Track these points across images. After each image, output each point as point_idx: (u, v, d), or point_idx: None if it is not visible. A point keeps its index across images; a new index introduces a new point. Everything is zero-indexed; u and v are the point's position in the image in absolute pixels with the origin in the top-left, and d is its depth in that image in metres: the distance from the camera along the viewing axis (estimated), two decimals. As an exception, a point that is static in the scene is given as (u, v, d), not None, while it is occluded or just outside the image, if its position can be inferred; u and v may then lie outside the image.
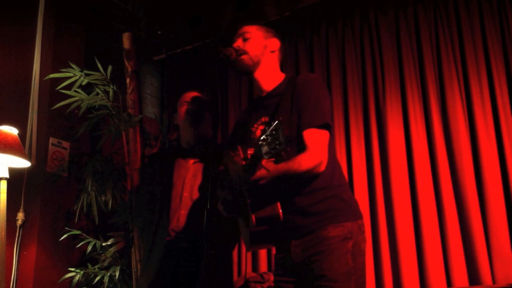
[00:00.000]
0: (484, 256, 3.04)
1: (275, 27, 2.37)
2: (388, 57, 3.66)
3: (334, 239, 1.84)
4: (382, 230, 3.37)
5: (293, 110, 1.96)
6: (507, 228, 3.03)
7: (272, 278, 3.19)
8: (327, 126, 1.93)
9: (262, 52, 2.12)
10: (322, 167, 1.88)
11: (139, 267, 3.24)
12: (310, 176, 1.88)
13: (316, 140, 1.89)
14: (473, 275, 3.05)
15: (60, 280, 3.44)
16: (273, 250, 2.20)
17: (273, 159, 1.69)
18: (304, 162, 1.84)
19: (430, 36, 3.57)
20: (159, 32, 4.20)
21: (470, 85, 3.34)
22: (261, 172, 1.72)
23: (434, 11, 3.59)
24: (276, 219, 1.82)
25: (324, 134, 1.92)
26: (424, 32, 3.58)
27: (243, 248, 3.88)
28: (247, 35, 2.13)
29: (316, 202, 1.89)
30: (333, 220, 1.87)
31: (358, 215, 1.96)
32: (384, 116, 3.57)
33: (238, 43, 2.13)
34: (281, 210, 1.82)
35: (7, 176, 3.19)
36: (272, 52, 2.16)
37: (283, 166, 1.78)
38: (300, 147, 1.90)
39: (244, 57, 2.09)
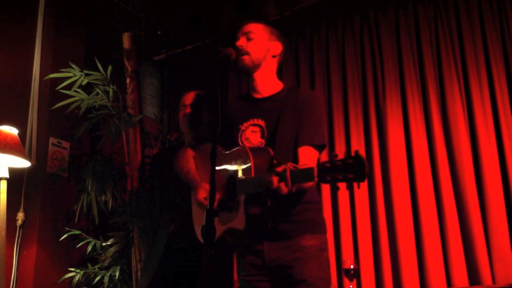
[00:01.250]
0: (484, 256, 3.03)
1: (275, 27, 2.36)
2: (388, 57, 3.66)
3: (312, 248, 1.96)
4: (382, 230, 3.37)
5: (294, 123, 2.02)
6: (507, 228, 3.03)
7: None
8: (323, 148, 2.04)
9: (264, 55, 2.11)
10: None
11: (139, 267, 3.24)
12: (301, 191, 1.97)
13: (310, 159, 1.97)
14: (473, 275, 3.05)
15: (60, 280, 3.44)
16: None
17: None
18: None
19: (430, 36, 3.57)
20: (159, 32, 4.19)
21: (470, 85, 3.34)
22: (283, 189, 1.71)
23: (434, 11, 3.59)
24: (265, 222, 1.89)
25: (317, 154, 2.02)
26: (424, 32, 3.58)
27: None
28: (251, 35, 2.11)
29: (299, 213, 1.99)
30: (311, 230, 1.99)
31: (326, 231, 2.09)
32: (384, 116, 3.57)
33: (242, 42, 2.12)
34: (271, 217, 1.89)
35: (7, 176, 3.19)
36: (274, 56, 2.16)
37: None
38: (294, 159, 1.97)
39: (245, 57, 2.08)
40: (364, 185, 3.49)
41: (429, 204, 3.27)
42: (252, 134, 2.06)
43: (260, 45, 2.11)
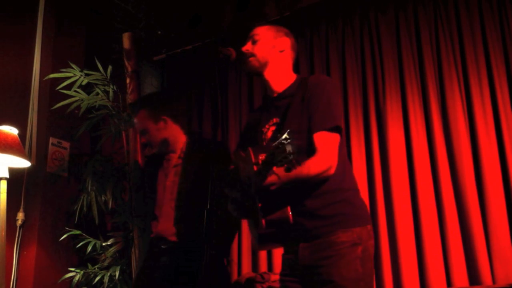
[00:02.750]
0: (484, 256, 3.03)
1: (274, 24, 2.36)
2: (388, 57, 3.66)
3: (343, 244, 1.83)
4: (382, 230, 3.37)
5: (303, 112, 1.95)
6: (507, 228, 3.03)
7: (272, 278, 3.19)
8: (338, 129, 1.92)
9: (269, 53, 2.10)
10: (332, 171, 1.86)
11: (139, 267, 3.24)
12: (319, 180, 1.86)
13: (326, 144, 1.87)
14: (473, 275, 3.05)
15: (60, 280, 3.44)
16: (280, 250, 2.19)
17: (285, 166, 1.69)
18: (313, 166, 1.83)
19: (430, 36, 3.56)
20: (159, 32, 4.20)
21: (470, 85, 3.34)
22: (272, 178, 1.71)
23: (434, 11, 3.58)
24: (286, 222, 1.81)
25: (335, 137, 1.90)
26: (424, 32, 3.58)
27: (243, 248, 3.88)
28: (256, 37, 2.12)
29: (325, 206, 1.88)
30: (342, 224, 1.86)
31: (367, 220, 1.94)
32: (384, 116, 3.57)
33: (248, 46, 2.12)
34: (291, 213, 1.81)
35: (7, 176, 3.19)
36: (281, 51, 2.14)
37: (293, 172, 1.77)
38: (310, 149, 1.88)
39: (251, 59, 2.09)
40: (364, 185, 3.49)
41: (429, 204, 3.26)
42: (271, 134, 2.05)
43: (265, 44, 2.11)
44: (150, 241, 2.44)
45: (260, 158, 1.65)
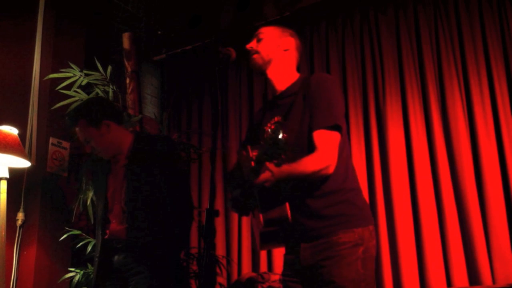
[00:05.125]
0: (484, 256, 3.04)
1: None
2: (388, 57, 3.66)
3: (345, 245, 1.82)
4: (382, 230, 3.37)
5: (305, 110, 1.94)
6: (507, 228, 3.04)
7: (272, 278, 3.19)
8: (338, 128, 1.90)
9: (273, 51, 2.11)
10: (330, 170, 1.84)
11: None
12: (318, 178, 1.85)
13: (325, 142, 1.85)
14: (473, 275, 3.05)
15: (60, 280, 3.44)
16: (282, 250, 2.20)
17: (274, 162, 1.68)
18: (310, 164, 1.81)
19: (430, 36, 3.57)
20: (159, 32, 4.20)
21: (470, 85, 3.34)
22: (265, 175, 1.71)
23: (434, 11, 3.59)
24: (285, 220, 1.80)
25: (335, 135, 1.88)
26: (424, 32, 3.58)
27: (243, 248, 3.89)
28: (261, 36, 2.13)
29: (327, 206, 1.86)
30: (344, 225, 1.84)
31: (370, 220, 1.92)
32: (384, 116, 3.57)
33: (252, 44, 2.13)
34: (289, 211, 1.80)
35: (7, 176, 3.19)
36: (286, 50, 2.14)
37: (286, 168, 1.75)
38: (310, 148, 1.87)
39: (255, 56, 2.10)
40: (364, 185, 3.50)
41: (429, 204, 3.27)
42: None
43: (270, 42, 2.11)
44: (104, 242, 2.44)
45: (254, 154, 1.65)
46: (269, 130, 2.03)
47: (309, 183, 1.85)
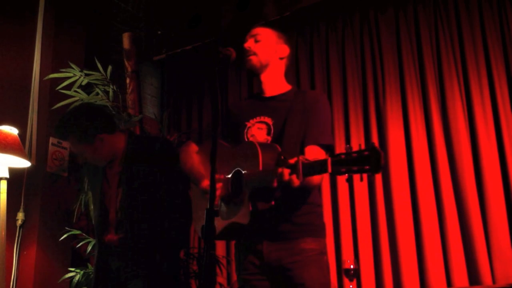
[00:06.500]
0: (484, 256, 3.04)
1: (275, 27, 2.36)
2: (388, 57, 3.67)
3: (313, 252, 1.94)
4: (382, 230, 3.37)
5: (302, 123, 2.02)
6: (507, 228, 3.04)
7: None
8: (329, 148, 2.01)
9: (271, 57, 2.14)
10: (319, 185, 2.00)
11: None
12: (308, 190, 1.96)
13: (316, 157, 1.90)
14: (473, 275, 3.05)
15: (60, 280, 3.44)
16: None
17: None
18: (315, 177, 1.89)
19: (430, 36, 3.57)
20: (159, 32, 4.20)
21: (470, 85, 3.34)
22: (295, 181, 1.70)
23: (434, 11, 3.59)
24: (269, 219, 1.88)
25: (323, 154, 1.98)
26: (424, 32, 3.58)
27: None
28: (259, 37, 2.14)
29: (301, 214, 1.98)
30: (312, 233, 1.97)
31: (326, 235, 2.07)
32: (384, 116, 3.57)
33: (250, 43, 2.15)
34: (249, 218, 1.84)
35: (7, 176, 3.19)
36: (281, 58, 2.18)
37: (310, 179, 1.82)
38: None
39: (253, 57, 2.11)
40: (365, 185, 3.50)
41: (429, 204, 3.27)
42: (258, 131, 2.08)
43: (268, 47, 2.14)
44: (101, 248, 2.42)
45: (300, 159, 1.66)
46: (253, 127, 2.06)
47: (298, 193, 1.89)
